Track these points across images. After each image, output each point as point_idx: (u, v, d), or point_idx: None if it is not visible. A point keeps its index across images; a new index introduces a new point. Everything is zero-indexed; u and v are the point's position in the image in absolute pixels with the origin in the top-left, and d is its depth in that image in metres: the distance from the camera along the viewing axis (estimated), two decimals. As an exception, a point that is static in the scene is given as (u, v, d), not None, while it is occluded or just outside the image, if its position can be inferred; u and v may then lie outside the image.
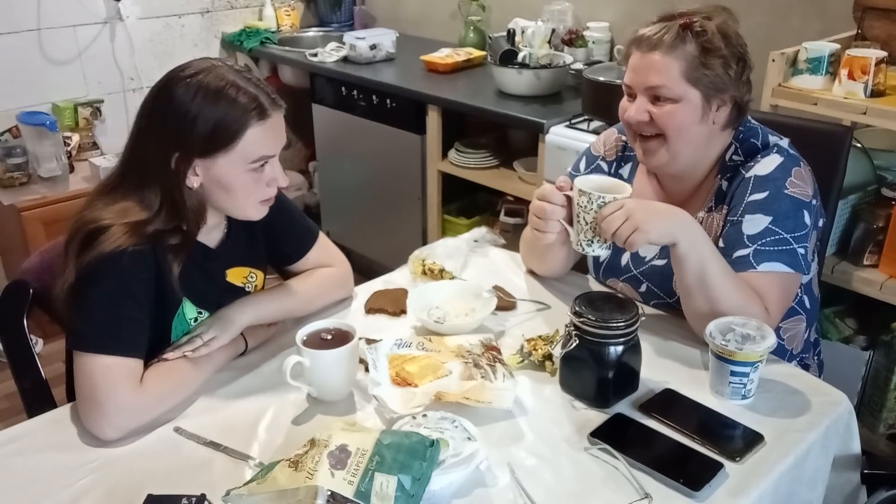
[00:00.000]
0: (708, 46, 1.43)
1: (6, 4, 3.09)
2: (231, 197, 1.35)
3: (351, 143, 3.37)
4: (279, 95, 1.35)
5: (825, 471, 1.31)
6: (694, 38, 1.43)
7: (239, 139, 1.29)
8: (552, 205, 1.42)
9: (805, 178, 1.49)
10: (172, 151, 1.29)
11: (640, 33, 1.48)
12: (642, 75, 1.47)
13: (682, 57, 1.43)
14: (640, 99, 1.49)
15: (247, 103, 1.29)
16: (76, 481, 1.16)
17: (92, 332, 1.27)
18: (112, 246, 1.26)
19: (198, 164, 1.30)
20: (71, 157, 3.21)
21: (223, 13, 3.74)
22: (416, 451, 1.05)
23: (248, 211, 1.38)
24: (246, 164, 1.31)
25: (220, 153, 1.30)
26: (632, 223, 1.31)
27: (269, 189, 1.37)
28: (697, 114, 1.46)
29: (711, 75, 1.44)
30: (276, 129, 1.34)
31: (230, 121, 1.28)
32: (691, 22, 1.44)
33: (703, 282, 1.37)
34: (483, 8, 3.41)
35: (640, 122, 1.49)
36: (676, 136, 1.48)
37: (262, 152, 1.32)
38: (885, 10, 2.10)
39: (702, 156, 1.54)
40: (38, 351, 1.63)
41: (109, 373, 1.24)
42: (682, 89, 1.44)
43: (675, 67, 1.43)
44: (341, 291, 1.62)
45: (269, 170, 1.35)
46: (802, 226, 1.45)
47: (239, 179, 1.32)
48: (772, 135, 1.55)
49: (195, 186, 1.32)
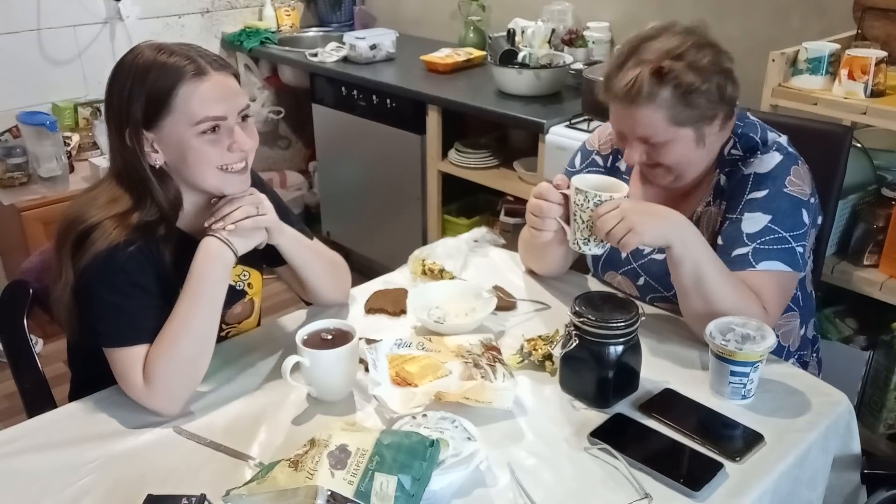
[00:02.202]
0: (687, 89, 1.39)
1: (6, 4, 3.09)
2: (189, 166, 1.32)
3: (351, 143, 3.37)
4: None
5: (825, 471, 1.31)
6: (669, 84, 1.39)
7: (173, 98, 1.27)
8: (549, 203, 1.42)
9: (803, 177, 1.49)
10: (123, 130, 1.30)
11: (613, 85, 1.43)
12: (629, 128, 1.46)
13: (663, 105, 1.40)
14: (633, 144, 1.47)
15: (176, 62, 1.28)
16: (76, 481, 1.16)
17: (109, 328, 1.29)
18: (105, 244, 1.27)
19: (149, 137, 1.30)
20: (71, 157, 3.20)
21: (223, 13, 3.74)
22: (416, 451, 1.05)
23: (212, 179, 1.34)
24: (191, 127, 1.29)
25: (161, 119, 1.29)
26: (626, 224, 1.31)
27: (230, 154, 1.33)
28: (692, 143, 1.45)
29: (697, 112, 1.41)
30: (218, 88, 1.30)
31: (161, 83, 1.28)
32: (660, 67, 1.39)
33: (700, 283, 1.37)
34: (483, 8, 3.41)
35: (640, 162, 1.49)
36: (676, 165, 1.48)
37: (205, 112, 1.29)
38: (885, 10, 2.10)
39: (704, 164, 1.53)
40: (38, 351, 1.64)
41: (137, 362, 1.28)
42: (672, 132, 1.43)
43: (657, 116, 1.41)
44: (343, 277, 1.61)
45: (226, 134, 1.32)
46: (801, 224, 1.46)
47: (191, 145, 1.30)
48: (770, 131, 1.55)
49: (159, 164, 1.32)
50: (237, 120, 1.33)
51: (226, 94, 1.31)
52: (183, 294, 1.32)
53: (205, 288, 1.32)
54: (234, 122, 1.32)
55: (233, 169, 1.34)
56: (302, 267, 1.50)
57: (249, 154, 1.36)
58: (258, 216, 1.36)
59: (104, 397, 1.34)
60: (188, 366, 1.30)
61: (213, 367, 1.35)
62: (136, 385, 1.28)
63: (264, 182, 1.54)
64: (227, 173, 1.34)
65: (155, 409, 1.28)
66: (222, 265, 1.34)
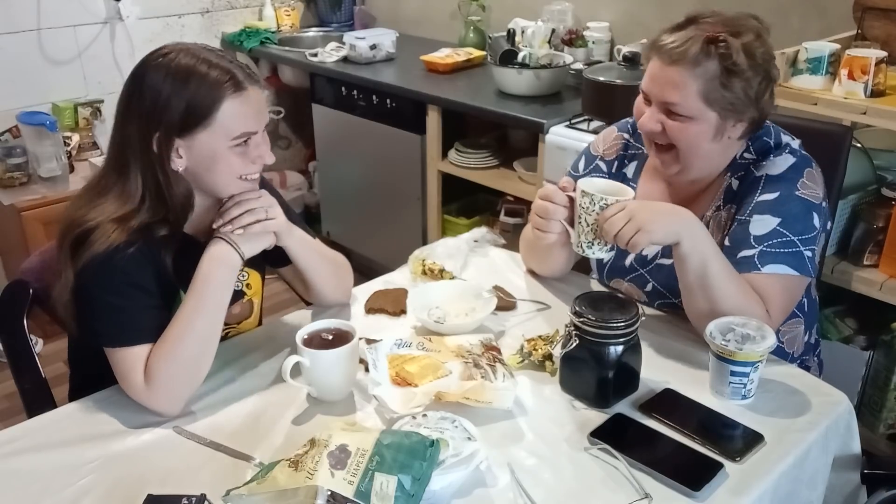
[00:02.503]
0: (731, 68, 1.37)
1: (6, 4, 3.09)
2: (215, 175, 1.33)
3: (351, 143, 3.37)
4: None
5: (825, 471, 1.31)
6: (717, 57, 1.37)
7: (215, 113, 1.28)
8: (554, 205, 1.42)
9: (816, 180, 1.48)
10: (152, 133, 1.29)
11: (663, 41, 1.42)
12: (658, 88, 1.43)
13: (702, 75, 1.38)
14: (655, 109, 1.45)
15: (219, 77, 1.28)
16: (76, 481, 1.16)
17: (109, 329, 1.29)
18: (104, 245, 1.27)
19: (179, 144, 1.30)
20: (71, 157, 3.20)
21: (223, 13, 3.74)
22: (416, 451, 1.05)
23: (230, 188, 1.36)
24: (228, 141, 1.30)
25: (198, 130, 1.29)
26: (635, 224, 1.31)
27: (255, 167, 1.36)
28: (711, 132, 1.43)
29: (730, 97, 1.39)
30: (254, 103, 1.32)
31: (204, 95, 1.28)
32: (716, 38, 1.37)
33: (704, 281, 1.37)
34: (483, 8, 3.41)
35: (653, 131, 1.46)
36: (688, 150, 1.45)
37: (242, 128, 1.31)
38: (885, 10, 2.10)
39: (716, 165, 1.52)
40: (38, 351, 1.64)
41: (138, 362, 1.28)
42: (697, 109, 1.40)
43: (693, 86, 1.39)
44: (345, 277, 1.61)
45: (254, 147, 1.34)
46: (811, 228, 1.44)
47: (223, 157, 1.31)
48: (784, 134, 1.53)
49: (180, 169, 1.32)
50: (263, 132, 1.36)
51: (260, 109, 1.34)
52: (188, 295, 1.31)
53: (210, 290, 1.32)
54: (261, 135, 1.35)
55: (251, 178, 1.37)
56: (307, 268, 1.51)
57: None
58: (267, 220, 1.36)
59: (104, 397, 1.34)
60: (190, 367, 1.30)
61: (213, 367, 1.35)
62: (136, 385, 1.28)
63: (267, 182, 1.54)
64: (245, 181, 1.36)
65: (155, 408, 1.28)
66: (228, 268, 1.34)
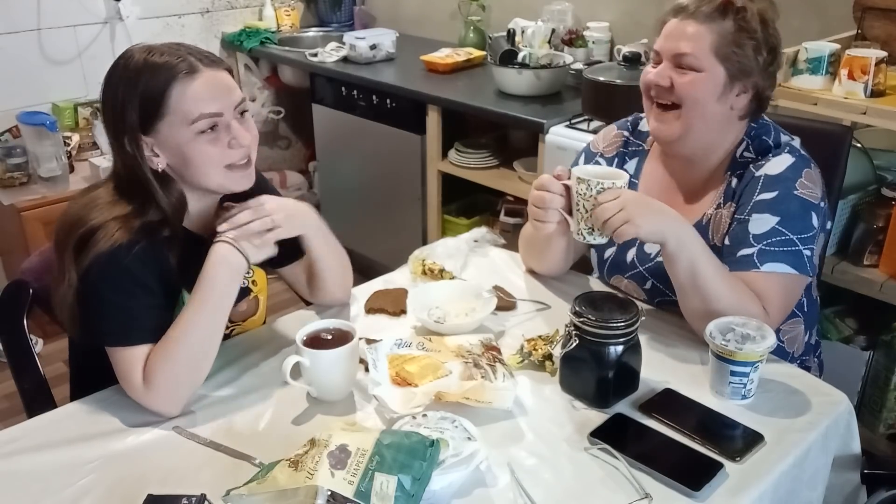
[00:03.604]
0: (744, 26, 1.43)
1: (6, 4, 3.09)
2: (193, 167, 1.31)
3: (351, 143, 3.37)
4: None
5: (825, 471, 1.31)
6: (733, 15, 1.43)
7: (167, 99, 1.27)
8: (551, 193, 1.42)
9: (815, 180, 1.48)
10: (121, 136, 1.29)
11: (681, 2, 1.48)
12: (673, 41, 1.47)
13: (717, 30, 1.43)
14: (665, 64, 1.48)
15: (166, 62, 1.27)
16: (76, 481, 1.16)
17: (112, 327, 1.29)
18: (108, 244, 1.26)
19: (149, 142, 1.30)
20: (71, 157, 3.21)
21: (223, 13, 3.74)
22: (416, 451, 1.05)
23: (217, 178, 1.33)
24: (188, 126, 1.28)
25: (157, 121, 1.28)
26: (624, 214, 1.32)
27: (233, 151, 1.32)
28: (718, 90, 1.45)
29: (741, 55, 1.44)
30: (211, 83, 1.29)
31: (153, 85, 1.27)
32: (734, 1, 1.43)
33: (696, 281, 1.37)
34: (483, 8, 3.42)
35: (660, 86, 1.48)
36: (692, 107, 1.46)
37: (200, 109, 1.28)
38: (885, 10, 2.10)
39: (714, 140, 1.52)
40: (38, 351, 1.64)
41: (138, 362, 1.27)
42: (708, 62, 1.44)
43: (707, 39, 1.43)
44: (348, 274, 1.61)
45: (224, 131, 1.31)
46: (810, 227, 1.45)
47: (192, 146, 1.29)
48: (783, 133, 1.54)
49: (160, 168, 1.31)
50: (234, 115, 1.32)
51: (220, 90, 1.30)
52: (192, 297, 1.31)
53: (214, 293, 1.31)
54: (230, 117, 1.31)
55: (237, 165, 1.34)
56: (320, 258, 1.50)
57: (252, 149, 1.36)
58: (274, 229, 1.34)
59: (104, 397, 1.34)
60: (190, 368, 1.30)
61: (213, 367, 1.35)
62: (136, 385, 1.28)
63: (267, 181, 1.54)
64: (232, 170, 1.34)
65: (154, 409, 1.28)
66: (233, 272, 1.32)
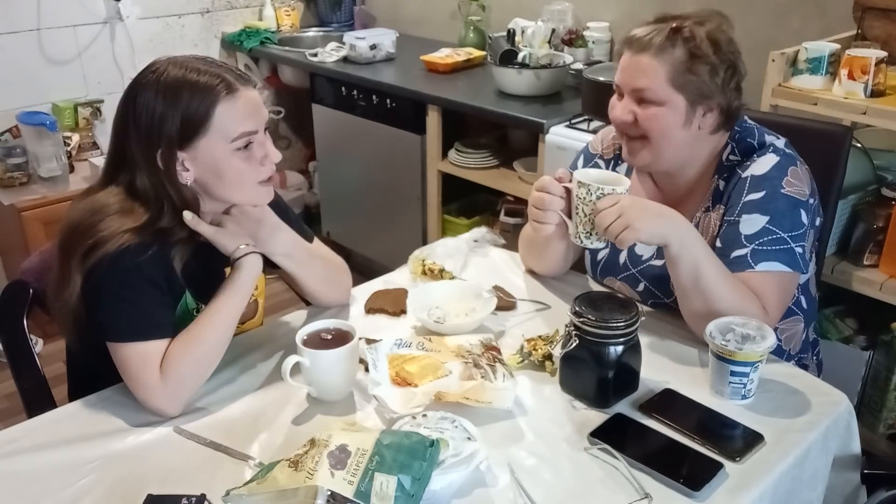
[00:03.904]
0: (695, 52, 1.44)
1: (6, 4, 3.09)
2: (226, 183, 1.34)
3: (351, 143, 3.37)
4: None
5: (825, 471, 1.31)
6: (682, 44, 1.44)
7: (211, 118, 1.29)
8: (551, 195, 1.43)
9: (801, 177, 1.49)
10: (155, 151, 1.30)
11: (632, 34, 1.49)
12: (629, 76, 1.49)
13: (669, 61, 1.44)
14: (627, 99, 1.50)
15: (209, 82, 1.29)
16: (76, 481, 1.16)
17: (121, 322, 1.29)
18: (116, 245, 1.27)
19: (182, 156, 1.31)
20: (71, 157, 3.21)
21: (223, 13, 3.74)
22: (416, 451, 1.05)
23: (250, 194, 1.38)
24: (228, 144, 1.31)
25: (198, 139, 1.30)
26: (624, 220, 1.32)
27: (264, 168, 1.37)
28: (681, 119, 1.47)
29: (697, 81, 1.45)
30: (249, 103, 1.33)
31: (197, 104, 1.29)
32: (681, 27, 1.45)
33: (698, 283, 1.37)
34: (483, 8, 3.41)
35: (625, 122, 1.51)
36: (659, 138, 1.49)
37: (240, 129, 1.31)
38: (885, 10, 2.10)
39: (687, 157, 1.54)
40: (38, 351, 1.64)
41: (149, 358, 1.28)
42: (666, 93, 1.45)
43: (661, 71, 1.44)
44: (342, 280, 1.61)
45: (258, 148, 1.35)
46: (800, 225, 1.46)
47: (228, 162, 1.32)
48: (768, 134, 1.56)
49: (189, 182, 1.33)
50: (265, 133, 1.37)
51: (256, 109, 1.35)
52: (218, 299, 1.34)
53: (238, 297, 1.36)
54: (262, 135, 1.36)
55: (271, 182, 1.39)
56: (298, 276, 1.52)
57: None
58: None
59: (104, 397, 1.34)
60: (203, 367, 1.32)
61: (213, 367, 1.35)
62: (146, 381, 1.27)
63: (279, 195, 1.55)
64: (262, 186, 1.38)
65: (160, 407, 1.28)
66: (255, 278, 1.39)
